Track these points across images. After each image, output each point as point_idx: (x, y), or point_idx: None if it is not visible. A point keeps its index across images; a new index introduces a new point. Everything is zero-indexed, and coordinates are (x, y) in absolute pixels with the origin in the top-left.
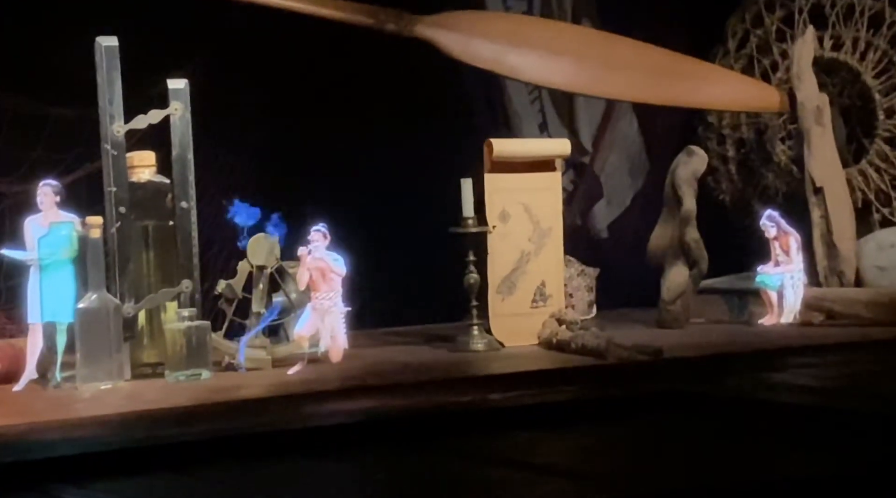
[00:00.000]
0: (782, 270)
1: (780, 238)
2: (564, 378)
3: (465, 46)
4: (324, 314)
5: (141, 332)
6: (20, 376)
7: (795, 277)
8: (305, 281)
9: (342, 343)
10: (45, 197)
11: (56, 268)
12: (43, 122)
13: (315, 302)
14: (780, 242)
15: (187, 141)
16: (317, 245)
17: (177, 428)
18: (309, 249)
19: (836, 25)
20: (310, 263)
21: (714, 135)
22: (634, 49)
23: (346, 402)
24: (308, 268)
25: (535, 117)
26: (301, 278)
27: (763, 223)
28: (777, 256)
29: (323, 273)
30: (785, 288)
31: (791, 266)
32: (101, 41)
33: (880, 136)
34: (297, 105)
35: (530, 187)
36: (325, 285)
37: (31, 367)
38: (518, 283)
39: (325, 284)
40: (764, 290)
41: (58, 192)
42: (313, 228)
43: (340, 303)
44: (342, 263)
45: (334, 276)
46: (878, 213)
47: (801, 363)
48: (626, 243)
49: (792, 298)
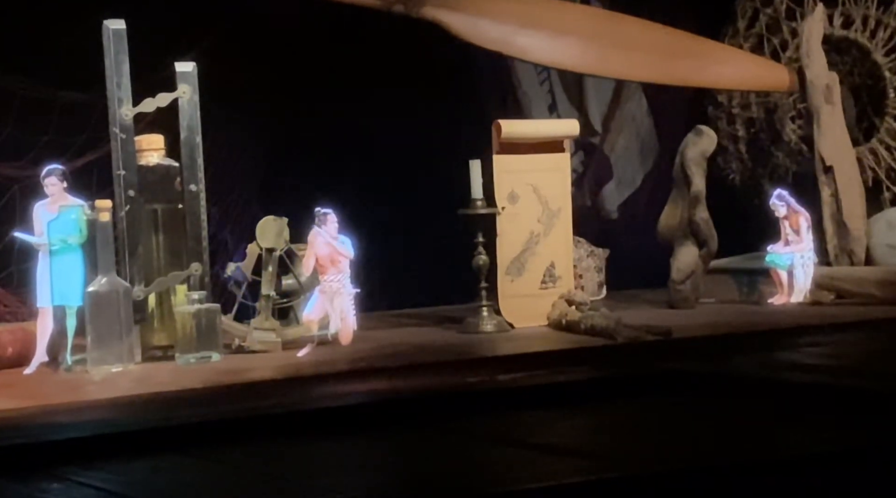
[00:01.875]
0: (792, 249)
1: (790, 217)
2: (574, 359)
3: (473, 27)
4: (332, 296)
5: (151, 315)
6: (31, 359)
7: (806, 256)
8: (312, 265)
9: (352, 325)
10: (51, 184)
11: (65, 252)
12: (52, 106)
13: (323, 285)
14: (790, 222)
15: (195, 124)
16: (324, 228)
17: (187, 410)
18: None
19: (846, 3)
20: (318, 247)
21: (724, 114)
22: (643, 29)
23: (356, 383)
24: (315, 251)
25: (544, 98)
26: (307, 262)
27: (773, 202)
28: (787, 235)
29: (331, 257)
30: (795, 267)
31: (801, 245)
32: (109, 24)
33: (890, 114)
34: (306, 88)
35: (539, 168)
36: (333, 268)
37: (41, 350)
38: (527, 264)
39: (332, 266)
40: (774, 269)
41: (63, 177)
42: (320, 211)
43: (349, 284)
44: (349, 245)
45: (342, 258)
46: (889, 191)
47: (810, 342)
48: (636, 224)
49: (802, 278)
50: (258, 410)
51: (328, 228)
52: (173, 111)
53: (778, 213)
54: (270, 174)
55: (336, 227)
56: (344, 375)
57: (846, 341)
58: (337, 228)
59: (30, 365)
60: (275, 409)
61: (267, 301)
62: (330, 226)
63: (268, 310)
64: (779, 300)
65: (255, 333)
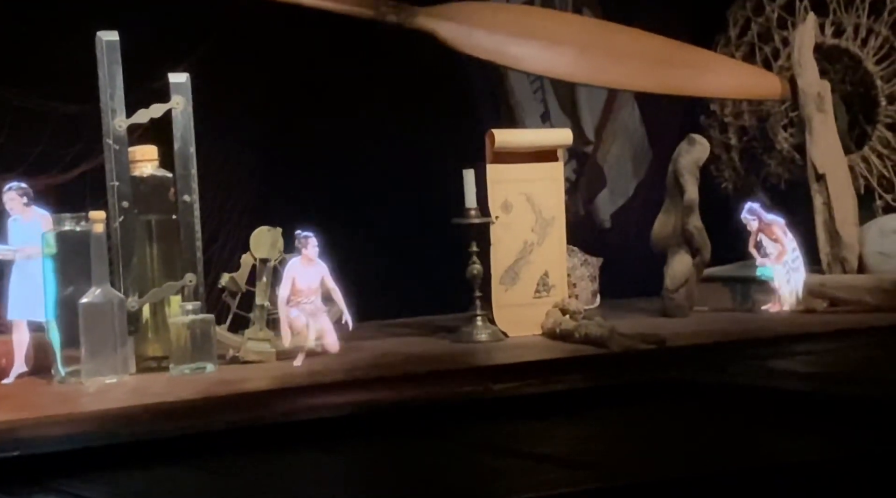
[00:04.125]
0: (777, 260)
1: (764, 229)
2: (568, 368)
3: (466, 37)
4: (310, 316)
5: (145, 326)
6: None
7: (791, 260)
8: (286, 296)
9: (332, 347)
10: (10, 200)
11: (29, 265)
12: (45, 117)
13: (302, 305)
14: (765, 233)
15: (189, 135)
16: (305, 251)
17: (182, 421)
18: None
19: (837, 12)
20: (306, 273)
21: (716, 123)
22: (635, 38)
23: (350, 393)
24: (294, 276)
25: (537, 107)
26: (283, 293)
27: (744, 217)
28: (765, 247)
29: (311, 287)
30: (786, 274)
31: (784, 253)
32: (102, 36)
33: (882, 123)
34: (299, 98)
35: (533, 177)
36: (310, 293)
37: (19, 361)
38: (521, 273)
39: (313, 294)
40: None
41: (24, 192)
42: (301, 235)
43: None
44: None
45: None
46: (881, 199)
47: (804, 350)
48: (630, 233)
49: (795, 282)
50: (253, 421)
51: (308, 252)
52: (167, 122)
53: (750, 228)
54: (264, 184)
55: (317, 250)
56: (338, 386)
57: (839, 349)
58: (317, 252)
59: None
60: (269, 419)
61: (261, 311)
62: (311, 250)
63: (262, 320)
64: (773, 308)
65: (250, 343)
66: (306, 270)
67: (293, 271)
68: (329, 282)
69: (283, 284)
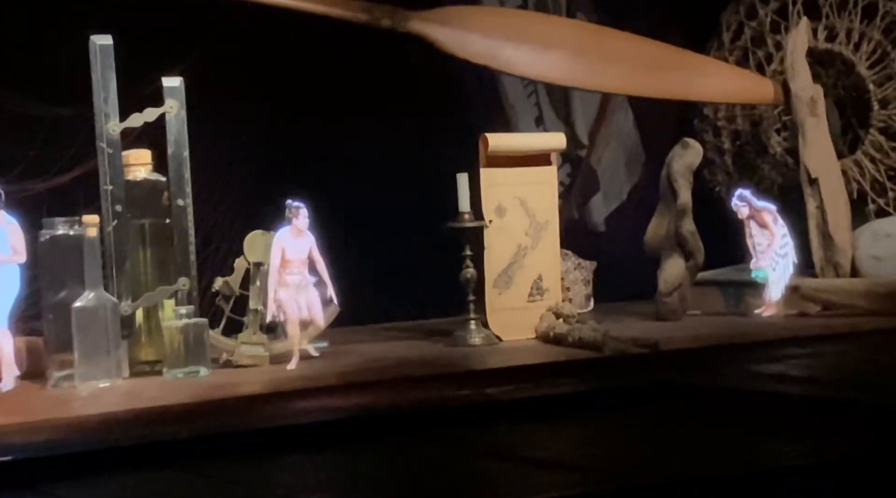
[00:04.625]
0: (770, 248)
1: (754, 216)
2: (562, 371)
3: (459, 41)
4: (297, 290)
5: (139, 330)
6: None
7: (780, 246)
8: (277, 262)
9: (319, 320)
10: None
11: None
12: (38, 121)
13: (288, 277)
14: (756, 220)
15: (183, 139)
16: (295, 221)
17: (175, 425)
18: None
19: (830, 16)
20: (296, 244)
21: (710, 127)
22: (628, 42)
23: (344, 397)
24: (284, 247)
25: (531, 111)
26: (274, 258)
27: (734, 204)
28: (753, 237)
29: (302, 258)
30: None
31: (774, 240)
32: (96, 40)
33: (875, 127)
34: (292, 102)
35: (526, 181)
36: (300, 264)
37: (6, 365)
38: (515, 277)
39: (302, 265)
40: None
41: None
42: (292, 204)
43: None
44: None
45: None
46: (874, 203)
47: (797, 354)
48: (624, 236)
49: (783, 270)
50: (247, 425)
51: (299, 222)
52: (160, 126)
53: (741, 215)
54: (258, 188)
55: (307, 221)
56: (332, 390)
57: (832, 352)
58: (307, 224)
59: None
60: (264, 423)
61: (255, 315)
62: (301, 220)
63: (256, 324)
64: (766, 311)
65: (243, 347)
66: (296, 240)
67: (283, 242)
68: (315, 254)
69: (273, 254)
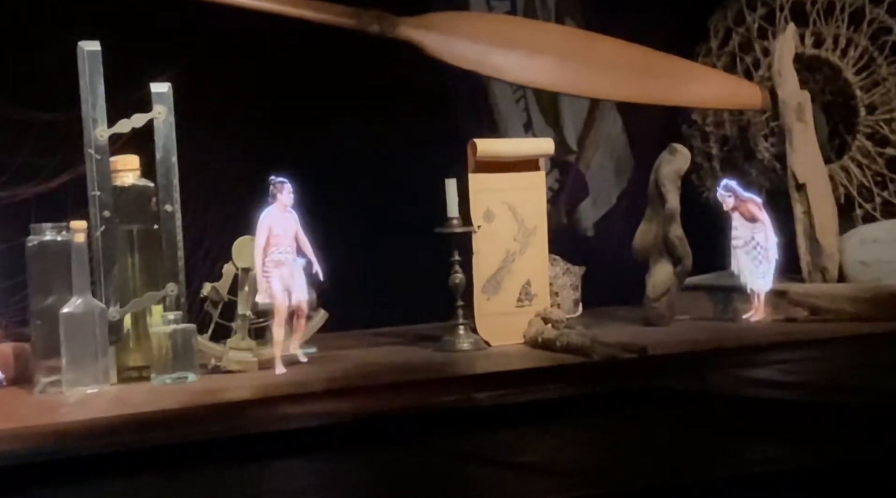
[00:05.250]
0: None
1: (739, 207)
2: (550, 376)
3: (448, 47)
4: (284, 267)
5: (126, 335)
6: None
7: (763, 236)
8: (263, 240)
9: (304, 304)
10: None
11: None
12: (25, 127)
13: (277, 255)
14: (741, 211)
15: (171, 144)
16: (280, 197)
17: (163, 431)
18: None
19: (817, 22)
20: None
21: (698, 132)
22: (616, 48)
23: (332, 403)
24: (270, 224)
25: (519, 117)
26: (260, 237)
27: (719, 194)
28: (736, 228)
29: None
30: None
31: (767, 227)
32: (84, 45)
33: (862, 132)
34: (282, 107)
35: (515, 187)
36: (287, 241)
37: None
38: (503, 282)
39: (287, 240)
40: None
41: None
42: (275, 179)
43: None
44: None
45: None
46: (861, 208)
47: (784, 359)
48: (612, 241)
49: (767, 265)
50: (235, 431)
51: (283, 198)
52: (149, 132)
53: (726, 206)
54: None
55: (292, 197)
56: (320, 395)
57: (819, 357)
58: (292, 200)
59: None
60: (252, 429)
61: (243, 321)
62: (286, 196)
63: (244, 329)
64: (755, 316)
65: (232, 352)
66: (282, 216)
67: (269, 220)
68: (300, 234)
69: (259, 233)
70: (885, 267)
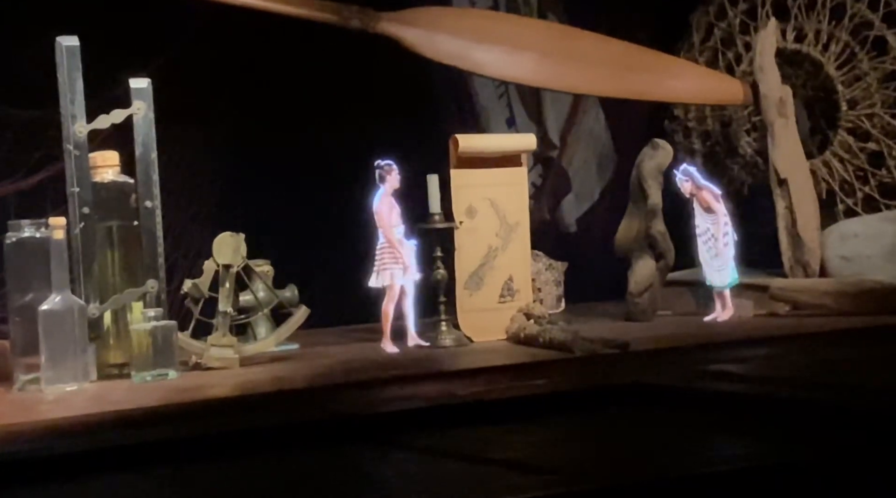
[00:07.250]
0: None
1: (696, 194)
2: (532, 372)
3: (429, 42)
4: (402, 247)
5: (106, 332)
6: None
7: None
8: (390, 221)
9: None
10: None
11: None
12: (3, 123)
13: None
14: (697, 198)
15: (150, 140)
16: (388, 179)
17: (144, 429)
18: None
19: (799, 17)
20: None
21: (680, 128)
22: (598, 43)
23: (314, 399)
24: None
25: (502, 112)
26: (389, 217)
27: (678, 178)
28: (694, 217)
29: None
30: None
31: (720, 219)
32: (62, 41)
33: (843, 127)
34: (263, 103)
35: (497, 183)
36: (399, 224)
37: None
38: (486, 278)
39: (399, 223)
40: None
41: None
42: (382, 163)
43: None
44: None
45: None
46: (843, 203)
47: (766, 355)
48: (595, 237)
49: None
50: (216, 428)
51: (392, 181)
52: (128, 128)
53: (684, 190)
54: (226, 190)
55: (398, 181)
56: (302, 392)
57: (801, 352)
58: (399, 184)
59: None
60: (233, 426)
61: (224, 318)
62: (394, 179)
63: (225, 326)
64: (721, 316)
65: (213, 349)
66: (392, 198)
67: (387, 201)
68: None
69: (385, 215)
70: (866, 262)
